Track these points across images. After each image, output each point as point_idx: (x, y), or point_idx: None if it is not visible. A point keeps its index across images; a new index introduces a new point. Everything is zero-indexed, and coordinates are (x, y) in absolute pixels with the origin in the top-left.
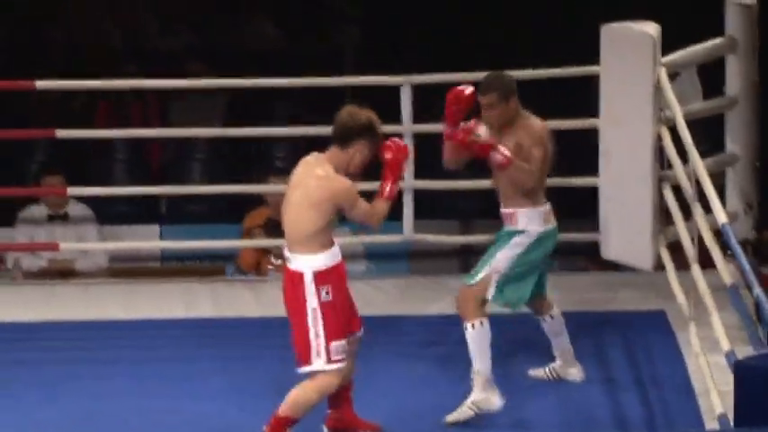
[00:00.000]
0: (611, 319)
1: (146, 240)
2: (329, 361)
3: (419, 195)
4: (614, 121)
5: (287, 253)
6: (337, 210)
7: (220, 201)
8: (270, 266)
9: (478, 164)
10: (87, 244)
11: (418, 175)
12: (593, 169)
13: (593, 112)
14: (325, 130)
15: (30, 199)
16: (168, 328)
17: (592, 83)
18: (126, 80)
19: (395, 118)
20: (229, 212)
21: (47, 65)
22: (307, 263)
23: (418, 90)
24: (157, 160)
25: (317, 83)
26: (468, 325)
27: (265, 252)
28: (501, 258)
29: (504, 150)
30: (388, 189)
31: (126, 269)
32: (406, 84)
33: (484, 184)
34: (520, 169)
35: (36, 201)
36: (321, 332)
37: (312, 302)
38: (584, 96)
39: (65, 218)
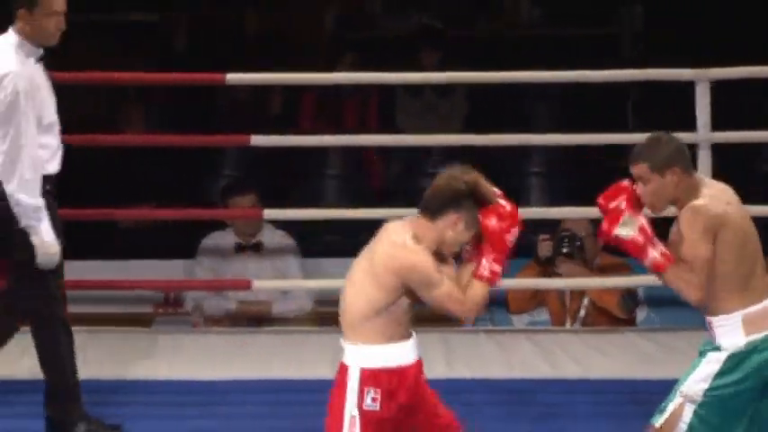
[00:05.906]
0: None
1: None
2: None
3: None
4: None
5: (342, 342)
6: (406, 291)
7: None
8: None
9: None
10: (287, 281)
11: None
12: None
13: None
14: (598, 138)
15: (215, 224)
16: None
17: None
18: (339, 73)
19: (688, 124)
20: None
21: (240, 57)
22: (355, 355)
23: (717, 88)
24: (379, 176)
25: (586, 77)
26: None
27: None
28: (693, 382)
29: (659, 250)
30: (487, 267)
31: (337, 314)
32: (701, 79)
33: None
34: (676, 278)
35: (222, 226)
36: None
37: (351, 407)
38: None
39: (258, 248)
